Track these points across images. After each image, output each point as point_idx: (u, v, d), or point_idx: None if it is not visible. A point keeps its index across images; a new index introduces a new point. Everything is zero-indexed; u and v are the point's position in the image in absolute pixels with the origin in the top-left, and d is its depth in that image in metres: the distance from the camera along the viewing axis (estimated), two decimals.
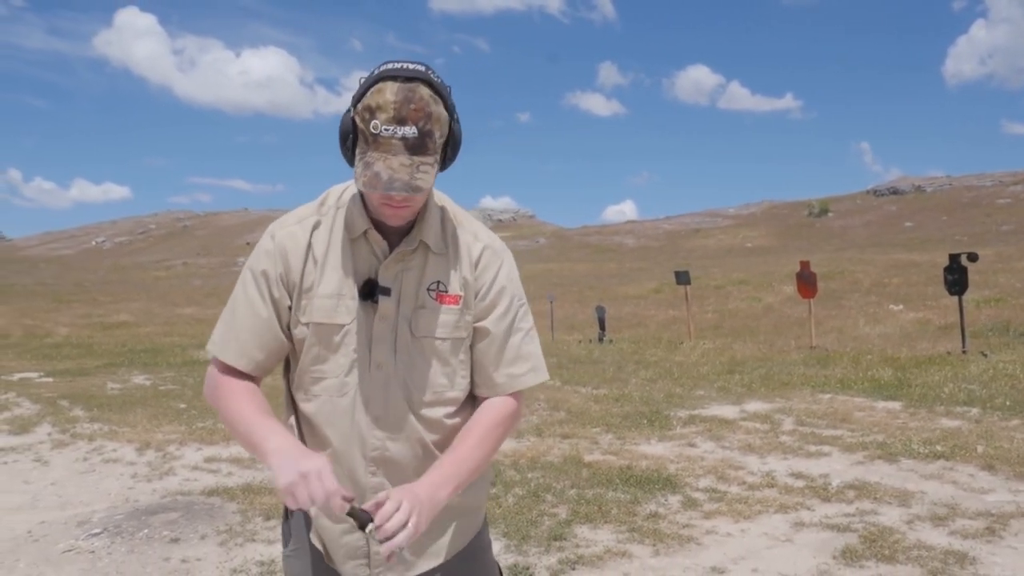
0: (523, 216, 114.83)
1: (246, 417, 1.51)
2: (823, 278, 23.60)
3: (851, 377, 9.66)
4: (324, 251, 1.55)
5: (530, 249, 76.83)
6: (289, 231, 1.57)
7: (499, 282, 1.60)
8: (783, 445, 6.34)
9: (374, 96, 1.38)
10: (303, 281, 1.55)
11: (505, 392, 1.60)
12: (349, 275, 1.54)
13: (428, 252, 1.56)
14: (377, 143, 1.37)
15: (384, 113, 1.37)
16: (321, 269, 1.54)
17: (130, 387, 10.65)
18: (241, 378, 1.58)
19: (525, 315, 1.64)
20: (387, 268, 1.53)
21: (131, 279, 59.55)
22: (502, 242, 1.68)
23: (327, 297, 1.54)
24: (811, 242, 61.53)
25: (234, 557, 4.13)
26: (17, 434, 7.33)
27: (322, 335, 1.54)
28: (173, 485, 5.57)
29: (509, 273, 1.63)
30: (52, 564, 4.12)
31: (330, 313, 1.53)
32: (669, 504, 4.88)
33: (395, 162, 1.37)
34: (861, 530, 4.29)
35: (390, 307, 1.54)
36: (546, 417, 7.79)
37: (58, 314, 31.94)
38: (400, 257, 1.54)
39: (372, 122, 1.37)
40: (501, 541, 4.25)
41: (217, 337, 1.59)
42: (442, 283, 1.56)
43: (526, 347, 1.62)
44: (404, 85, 1.38)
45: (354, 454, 1.57)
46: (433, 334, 1.55)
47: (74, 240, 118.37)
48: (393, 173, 1.37)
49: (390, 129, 1.37)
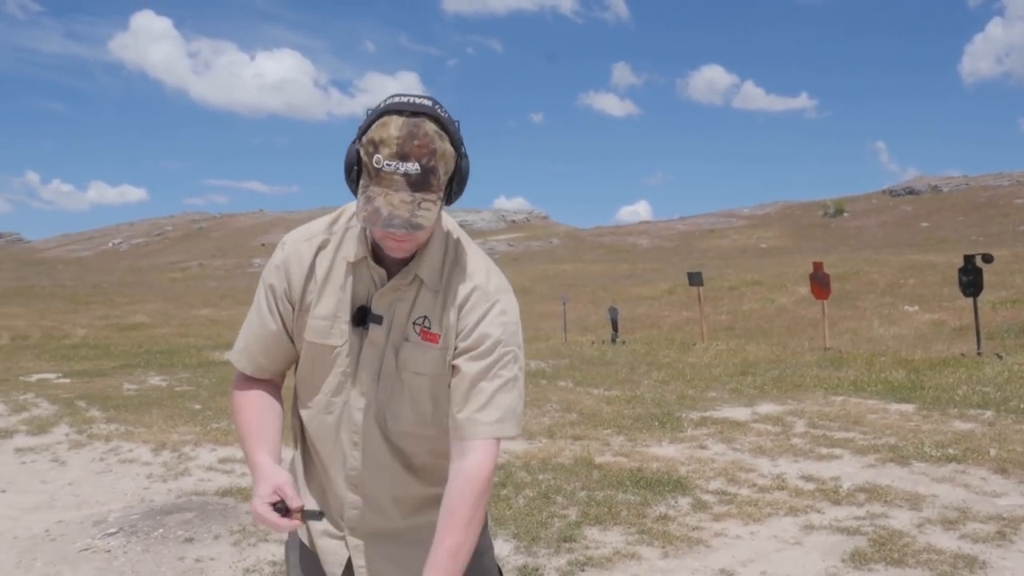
0: (537, 217, 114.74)
1: (244, 429, 1.61)
2: (838, 279, 23.49)
3: (864, 379, 9.63)
4: (326, 273, 1.57)
5: (544, 250, 76.79)
6: (296, 247, 1.59)
7: (484, 325, 1.53)
8: (794, 447, 6.34)
9: (378, 130, 1.37)
10: (303, 299, 1.58)
11: (465, 436, 1.50)
12: (346, 299, 1.55)
13: (422, 286, 1.55)
14: (379, 178, 1.36)
15: (387, 148, 1.36)
16: (320, 290, 1.57)
17: (146, 388, 10.75)
18: (257, 383, 1.65)
19: (509, 364, 1.54)
20: (381, 296, 1.54)
21: (147, 280, 59.95)
22: (503, 282, 1.60)
23: (323, 318, 1.56)
24: (826, 243, 61.22)
25: (247, 557, 4.18)
26: (35, 434, 7.43)
27: (316, 354, 1.58)
28: (188, 485, 5.63)
29: (500, 317, 1.54)
30: (69, 563, 4.18)
31: (323, 334, 1.56)
32: (679, 506, 4.89)
33: (396, 198, 1.36)
34: (871, 533, 4.29)
35: (380, 335, 1.55)
36: (558, 419, 7.82)
37: (76, 315, 32.22)
38: (395, 287, 1.54)
39: (375, 156, 1.36)
40: (511, 542, 4.28)
41: (235, 344, 1.67)
42: (428, 319, 1.54)
43: (500, 396, 1.51)
44: (409, 120, 1.37)
45: (336, 469, 1.62)
46: (413, 368, 1.55)
47: (92, 242, 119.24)
48: (393, 210, 1.36)
49: (392, 164, 1.36)
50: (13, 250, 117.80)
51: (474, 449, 1.49)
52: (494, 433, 1.51)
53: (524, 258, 68.30)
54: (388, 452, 1.60)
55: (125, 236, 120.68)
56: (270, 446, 1.57)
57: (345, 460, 1.61)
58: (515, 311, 1.59)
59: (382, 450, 1.59)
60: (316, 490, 1.69)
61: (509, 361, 1.54)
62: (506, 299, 1.57)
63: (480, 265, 1.59)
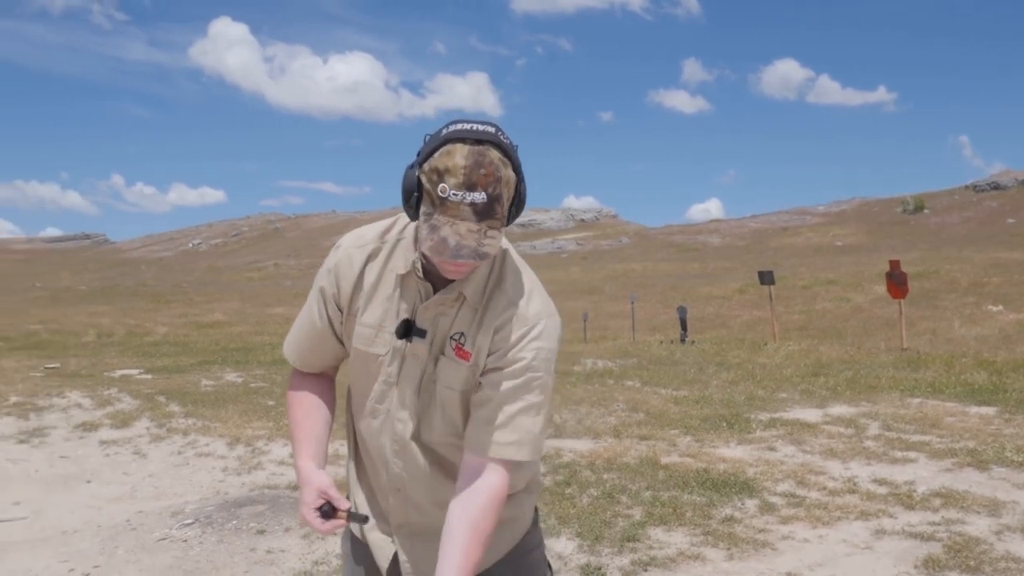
0: (606, 215, 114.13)
1: (291, 430, 1.70)
2: (917, 278, 22.78)
3: (943, 381, 9.34)
4: (374, 282, 1.59)
5: (613, 249, 76.36)
6: (348, 253, 1.62)
7: (516, 349, 1.52)
8: (867, 450, 6.19)
9: (443, 158, 1.36)
10: (351, 305, 1.61)
11: (477, 451, 1.52)
12: (392, 310, 1.57)
13: (464, 303, 1.55)
14: (445, 207, 1.35)
15: (454, 178, 1.34)
16: (368, 299, 1.59)
17: (223, 384, 11.07)
18: (310, 376, 1.73)
19: (537, 389, 1.53)
20: (426, 310, 1.55)
21: (225, 280, 61.63)
22: (544, 307, 1.58)
23: (368, 327, 1.59)
24: (905, 240, 59.37)
25: (316, 550, 4.28)
26: (118, 428, 7.72)
27: (363, 359, 1.62)
28: (261, 479, 5.80)
29: (534, 343, 1.53)
30: (148, 551, 4.35)
31: (369, 342, 1.59)
32: (745, 508, 4.83)
33: (463, 227, 1.35)
34: (946, 539, 4.17)
35: (422, 349, 1.57)
36: (624, 418, 7.78)
37: (157, 314, 33.34)
38: (439, 302, 1.55)
39: (440, 185, 1.35)
40: (574, 541, 4.29)
41: (287, 336, 1.74)
42: (464, 336, 1.55)
43: (522, 419, 1.52)
44: (474, 148, 1.36)
45: (382, 471, 1.68)
46: (445, 382, 1.57)
47: (173, 242, 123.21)
48: (460, 239, 1.36)
49: (459, 194, 1.34)
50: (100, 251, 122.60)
51: (496, 469, 1.51)
52: (507, 455, 1.50)
53: (593, 257, 68.04)
54: (427, 459, 1.63)
55: (204, 237, 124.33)
56: (313, 450, 1.64)
57: (388, 464, 1.65)
58: (552, 337, 1.56)
59: (421, 457, 1.63)
60: (366, 487, 1.74)
61: (536, 386, 1.53)
62: (543, 324, 1.55)
63: (523, 287, 1.58)
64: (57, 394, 9.71)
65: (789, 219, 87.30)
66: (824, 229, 74.76)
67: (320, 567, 4.04)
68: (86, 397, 9.53)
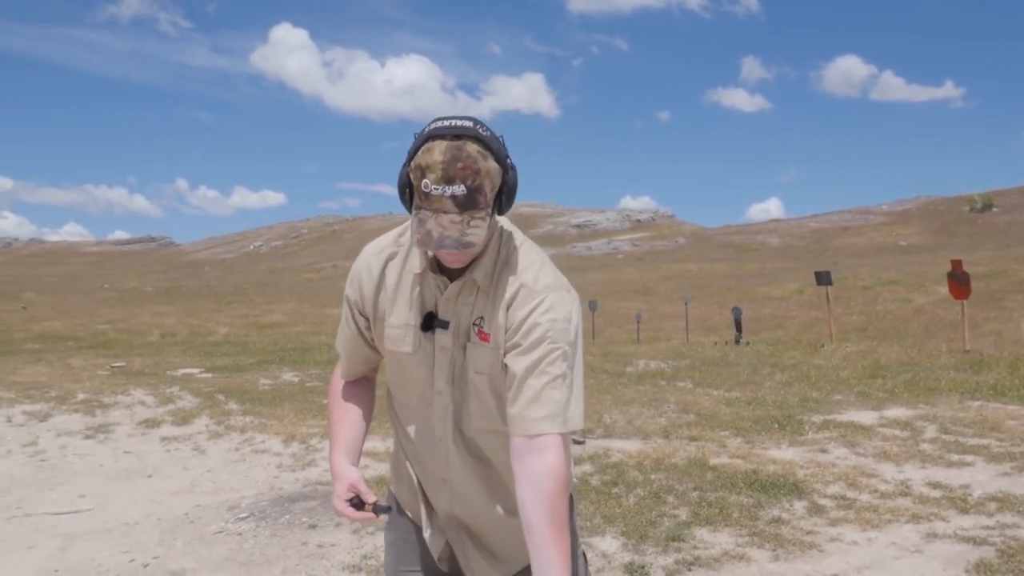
0: (662, 216, 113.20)
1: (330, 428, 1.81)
2: (983, 278, 22.14)
3: (1006, 383, 9.08)
4: (395, 283, 1.66)
5: (669, 249, 75.71)
6: (367, 261, 1.70)
7: (530, 321, 1.55)
8: (922, 453, 6.07)
9: (424, 155, 1.44)
10: (376, 309, 1.69)
11: (518, 433, 1.53)
12: (415, 307, 1.64)
13: (479, 288, 1.61)
14: (429, 201, 1.44)
15: (433, 173, 1.42)
16: (392, 300, 1.66)
17: (280, 383, 11.31)
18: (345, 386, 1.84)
19: (558, 360, 1.54)
20: (446, 302, 1.62)
21: (284, 281, 62.74)
22: (555, 280, 1.61)
23: (396, 327, 1.66)
24: (972, 239, 57.68)
25: (365, 544, 4.38)
26: (179, 425, 7.96)
27: (397, 360, 1.70)
28: (314, 475, 5.93)
29: (546, 315, 1.55)
30: (205, 543, 4.50)
31: (398, 342, 1.66)
32: (794, 509, 4.79)
33: (445, 220, 1.44)
34: (1000, 544, 4.08)
35: (447, 339, 1.63)
36: (674, 419, 7.75)
37: (219, 314, 34.12)
38: (456, 292, 1.61)
39: (423, 180, 1.44)
40: (619, 540, 4.31)
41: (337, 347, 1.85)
42: (484, 319, 1.60)
43: (548, 392, 1.52)
44: (452, 143, 1.43)
45: (428, 464, 1.75)
46: (475, 368, 1.62)
47: (235, 245, 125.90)
48: (444, 231, 1.44)
49: (439, 188, 1.42)
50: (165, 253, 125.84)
51: (545, 446, 1.50)
52: (543, 429, 1.51)
53: (648, 258, 67.53)
54: (469, 449, 1.69)
55: (265, 239, 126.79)
56: (347, 448, 1.74)
57: (434, 456, 1.72)
58: (565, 308, 1.58)
59: (464, 447, 1.69)
60: (406, 482, 1.82)
61: (557, 358, 1.54)
62: (555, 296, 1.58)
63: (531, 263, 1.62)
64: (122, 392, 10.04)
65: (851, 219, 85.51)
66: (887, 229, 73.05)
67: (369, 561, 4.14)
68: (149, 395, 9.84)
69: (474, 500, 1.72)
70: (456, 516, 1.75)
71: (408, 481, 1.81)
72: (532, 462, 1.50)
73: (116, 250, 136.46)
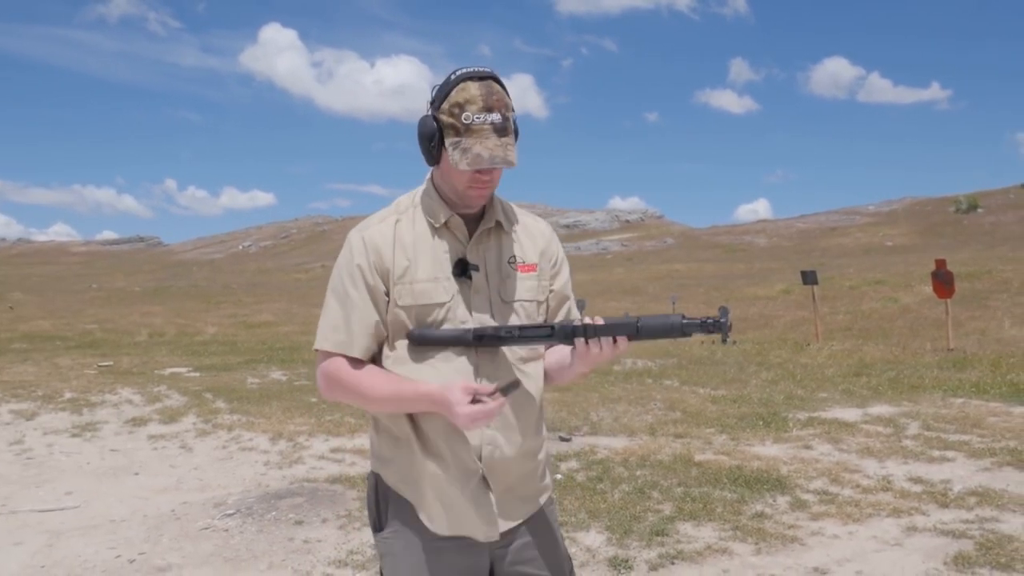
0: (651, 216, 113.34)
1: (382, 383, 1.72)
2: (968, 277, 22.28)
3: (988, 381, 9.18)
4: (412, 241, 1.76)
5: (657, 249, 75.82)
6: (376, 229, 1.78)
7: (561, 254, 1.91)
8: (905, 449, 6.14)
9: (459, 94, 1.64)
10: (395, 268, 1.74)
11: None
12: (440, 260, 1.75)
13: (500, 231, 1.82)
14: (470, 131, 1.63)
15: (474, 104, 1.63)
16: (414, 257, 1.74)
17: (268, 382, 11.29)
18: (358, 361, 1.76)
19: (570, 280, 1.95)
20: (473, 248, 1.77)
21: (273, 281, 62.55)
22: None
23: (426, 281, 1.73)
24: (958, 240, 58.01)
25: (351, 540, 4.40)
26: (166, 423, 7.96)
27: (423, 314, 1.73)
28: (301, 472, 5.95)
29: (556, 240, 1.92)
30: (191, 539, 4.52)
31: (429, 295, 1.73)
32: (777, 504, 4.84)
33: (490, 143, 1.63)
34: (978, 537, 4.15)
35: (481, 281, 1.77)
36: (661, 416, 7.80)
37: (207, 314, 33.98)
38: (482, 237, 1.78)
39: (464, 114, 1.63)
40: (604, 535, 4.35)
41: (329, 335, 1.76)
42: (517, 256, 1.82)
43: (575, 310, 1.91)
44: (482, 83, 1.65)
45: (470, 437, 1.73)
46: (522, 297, 1.80)
47: (223, 245, 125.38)
48: (492, 152, 1.63)
49: (481, 117, 1.62)
50: (153, 253, 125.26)
51: None
52: None
53: (637, 258, 67.64)
54: (518, 376, 1.73)
55: (254, 239, 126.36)
56: (414, 380, 1.71)
57: None
58: None
59: (512, 377, 1.70)
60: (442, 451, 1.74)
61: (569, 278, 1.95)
62: (548, 225, 1.94)
63: (521, 208, 1.92)
64: (109, 391, 10.02)
65: (838, 219, 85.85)
66: (874, 229, 73.39)
67: (355, 556, 4.16)
68: (136, 394, 9.82)
69: (516, 434, 1.75)
70: (500, 457, 1.74)
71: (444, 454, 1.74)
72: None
73: (104, 250, 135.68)
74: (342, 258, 1.79)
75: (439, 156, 1.70)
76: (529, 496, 1.84)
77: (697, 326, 1.60)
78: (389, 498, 1.81)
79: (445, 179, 1.75)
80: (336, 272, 1.79)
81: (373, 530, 1.86)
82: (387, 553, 1.82)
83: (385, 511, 1.82)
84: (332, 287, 1.79)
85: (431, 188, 1.80)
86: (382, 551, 1.83)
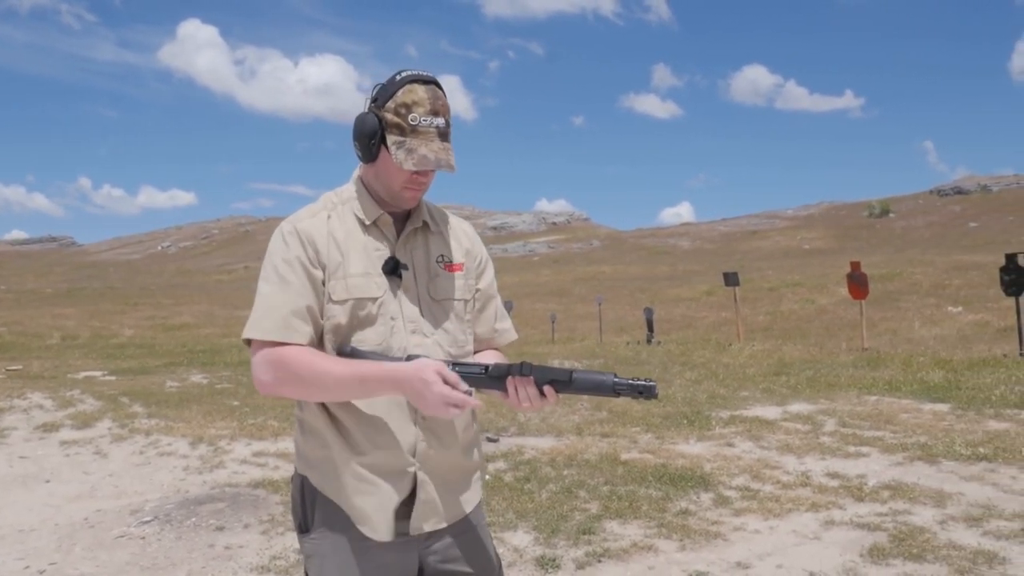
0: (577, 219, 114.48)
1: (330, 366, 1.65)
2: (881, 279, 23.13)
3: (900, 379, 9.52)
4: (343, 237, 1.75)
5: (584, 252, 76.59)
6: (309, 223, 1.75)
7: (485, 254, 1.96)
8: (822, 445, 6.32)
9: (407, 95, 1.67)
10: (330, 263, 1.72)
11: (493, 345, 1.93)
12: (371, 256, 1.76)
13: (427, 231, 1.85)
14: (416, 132, 1.66)
15: (421, 107, 1.66)
16: (345, 252, 1.74)
17: (188, 385, 11.00)
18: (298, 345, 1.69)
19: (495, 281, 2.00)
20: (401, 247, 1.79)
21: (194, 283, 60.99)
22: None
23: (359, 276, 1.73)
24: (871, 243, 60.20)
25: (274, 545, 4.31)
26: (79, 428, 7.67)
27: (355, 310, 1.71)
28: (222, 477, 5.80)
29: (480, 241, 1.97)
30: (105, 548, 4.35)
31: (363, 289, 1.73)
32: (700, 501, 4.92)
33: (434, 146, 1.67)
34: (892, 529, 4.29)
35: (410, 279, 1.79)
36: (587, 416, 7.86)
37: (124, 316, 32.96)
38: (409, 237, 1.81)
39: (410, 116, 1.66)
40: (531, 534, 4.35)
41: (263, 324, 1.68)
42: (445, 255, 1.85)
43: (501, 309, 1.97)
44: (428, 87, 1.69)
45: (401, 411, 1.72)
46: (451, 295, 1.83)
47: (141, 245, 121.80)
48: (437, 155, 1.66)
49: (428, 120, 1.66)
50: (66, 253, 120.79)
51: (503, 352, 1.95)
52: (512, 338, 1.97)
53: (564, 260, 68.19)
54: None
55: (174, 239, 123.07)
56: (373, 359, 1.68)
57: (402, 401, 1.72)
58: None
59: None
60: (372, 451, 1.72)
61: (494, 278, 1.99)
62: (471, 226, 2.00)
63: (445, 210, 1.96)
64: (18, 396, 9.59)
65: (758, 223, 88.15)
66: (792, 232, 75.58)
67: (277, 561, 4.07)
68: (48, 398, 9.43)
69: (446, 431, 1.76)
70: (432, 455, 1.74)
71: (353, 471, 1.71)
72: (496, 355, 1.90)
73: (13, 250, 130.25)
74: (276, 249, 1.73)
75: (377, 153, 1.71)
76: (462, 494, 1.84)
77: (627, 387, 1.61)
78: (316, 499, 1.77)
79: (380, 177, 1.75)
80: (269, 261, 1.73)
81: (299, 532, 1.81)
82: (314, 554, 1.77)
83: (312, 512, 1.78)
84: (265, 276, 1.73)
85: (361, 186, 1.81)
86: (308, 552, 1.79)
